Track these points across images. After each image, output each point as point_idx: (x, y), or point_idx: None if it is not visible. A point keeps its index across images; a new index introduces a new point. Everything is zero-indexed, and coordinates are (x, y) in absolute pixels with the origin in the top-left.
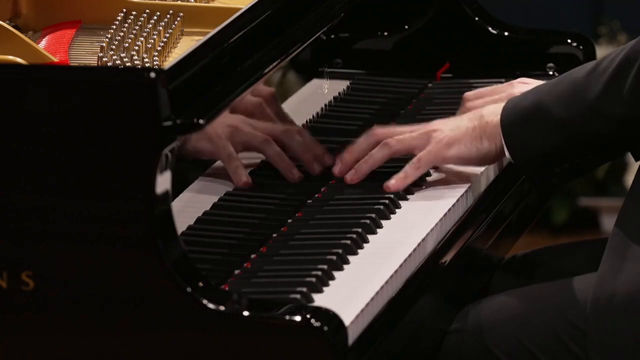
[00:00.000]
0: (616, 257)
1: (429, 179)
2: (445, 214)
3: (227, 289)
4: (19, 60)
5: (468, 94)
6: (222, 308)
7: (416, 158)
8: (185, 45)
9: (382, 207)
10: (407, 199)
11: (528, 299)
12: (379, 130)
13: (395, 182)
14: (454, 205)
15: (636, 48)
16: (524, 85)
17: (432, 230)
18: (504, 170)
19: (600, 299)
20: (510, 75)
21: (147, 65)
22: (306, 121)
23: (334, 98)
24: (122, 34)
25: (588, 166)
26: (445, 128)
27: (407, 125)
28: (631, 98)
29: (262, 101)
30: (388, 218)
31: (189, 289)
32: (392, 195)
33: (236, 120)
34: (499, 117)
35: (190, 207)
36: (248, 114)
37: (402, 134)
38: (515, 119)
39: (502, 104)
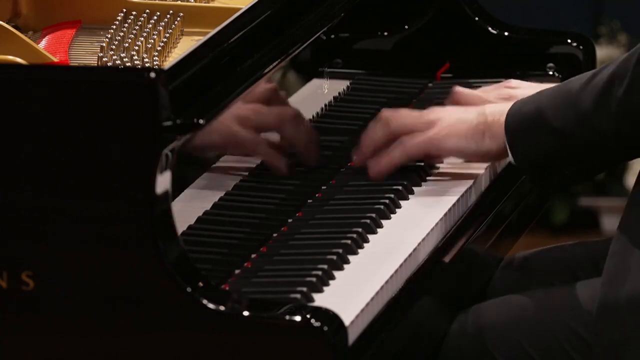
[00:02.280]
0: (620, 264)
1: (429, 179)
2: (446, 214)
3: (227, 289)
4: (19, 60)
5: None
6: (222, 308)
7: (407, 144)
8: (185, 45)
9: (382, 206)
10: (407, 199)
11: (529, 304)
12: (392, 122)
13: (379, 168)
14: (454, 205)
15: (624, 64)
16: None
17: (432, 230)
18: (504, 170)
19: (606, 304)
20: (510, 75)
21: (147, 65)
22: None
23: (334, 98)
24: (122, 34)
25: (588, 173)
26: (450, 119)
27: (416, 111)
28: (619, 114)
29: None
30: (388, 218)
31: (189, 289)
32: (392, 195)
33: (231, 120)
34: (504, 117)
35: (190, 207)
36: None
37: (412, 123)
38: (518, 123)
39: (508, 104)
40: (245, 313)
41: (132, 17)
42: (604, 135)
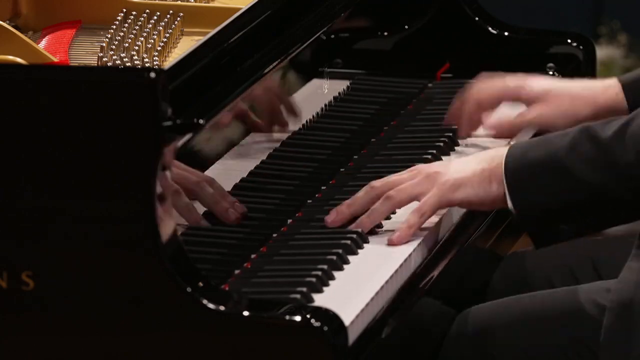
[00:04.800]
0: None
1: None
2: (446, 214)
3: (227, 289)
4: (19, 60)
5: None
6: (222, 308)
7: (419, 205)
8: (185, 45)
9: None
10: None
11: (530, 306)
12: (377, 183)
13: (399, 235)
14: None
15: None
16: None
17: (432, 230)
18: None
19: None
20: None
21: (147, 65)
22: (306, 121)
23: (334, 98)
24: (122, 34)
25: (596, 228)
26: (449, 170)
27: (405, 171)
28: None
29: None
30: (388, 218)
31: (189, 289)
32: None
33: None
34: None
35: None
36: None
37: (401, 182)
38: (523, 169)
39: (505, 148)
40: (245, 313)
41: (132, 17)
42: None
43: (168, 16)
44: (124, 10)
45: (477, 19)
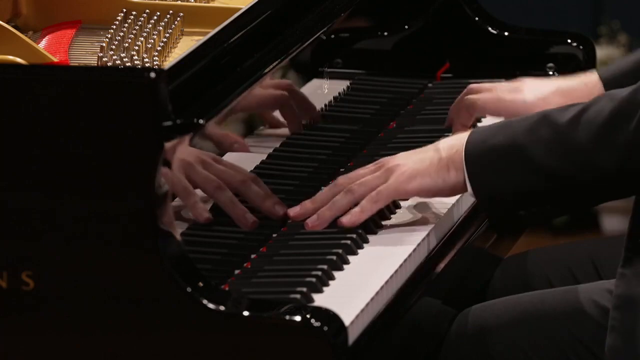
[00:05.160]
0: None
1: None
2: (445, 214)
3: (227, 289)
4: (19, 60)
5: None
6: (222, 308)
7: (375, 192)
8: (185, 45)
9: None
10: (407, 199)
11: (530, 307)
12: (343, 179)
13: (350, 217)
14: (454, 205)
15: (631, 101)
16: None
17: (432, 230)
18: None
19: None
20: (510, 75)
21: (147, 65)
22: (306, 121)
23: (334, 98)
24: (122, 34)
25: (555, 214)
26: (408, 162)
27: (370, 165)
28: (628, 151)
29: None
30: (388, 218)
31: (189, 289)
32: None
33: (191, 156)
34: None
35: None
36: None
37: (364, 176)
38: (483, 155)
39: (465, 133)
40: (245, 313)
41: (132, 17)
42: (605, 173)
43: (168, 16)
44: (124, 10)
45: (477, 19)
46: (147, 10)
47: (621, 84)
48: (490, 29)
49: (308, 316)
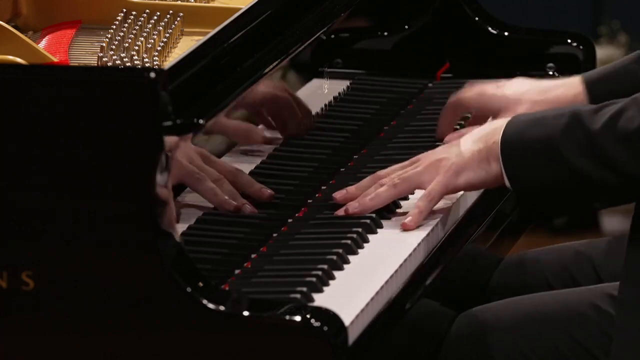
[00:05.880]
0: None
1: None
2: (446, 214)
3: (227, 289)
4: (19, 60)
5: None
6: (222, 308)
7: (427, 191)
8: (185, 45)
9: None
10: (407, 199)
11: (530, 309)
12: (383, 172)
13: (412, 219)
14: (454, 205)
15: None
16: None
17: (432, 230)
18: None
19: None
20: (510, 75)
21: (147, 65)
22: None
23: (334, 98)
24: (122, 34)
25: (581, 209)
26: (450, 155)
27: (408, 161)
28: None
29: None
30: (388, 218)
31: (189, 289)
32: None
33: (182, 155)
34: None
35: (190, 207)
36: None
37: (405, 172)
38: (519, 148)
39: (501, 121)
40: (245, 313)
41: (132, 17)
42: (634, 179)
43: (168, 16)
44: (124, 10)
45: (477, 19)
46: (147, 10)
47: (605, 85)
48: (490, 29)
49: (308, 316)
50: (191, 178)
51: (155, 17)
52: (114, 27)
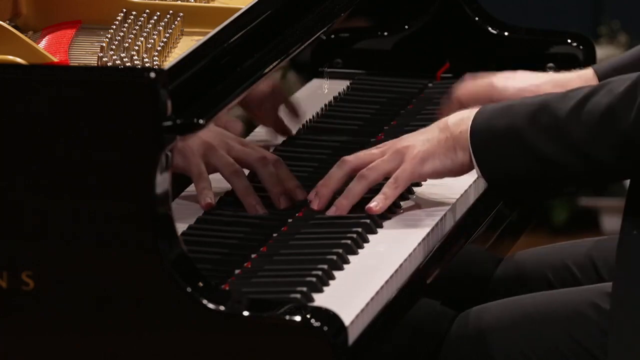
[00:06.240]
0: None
1: (424, 183)
2: (446, 214)
3: (227, 289)
4: (19, 60)
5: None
6: (222, 308)
7: (393, 177)
8: (185, 45)
9: None
10: (407, 199)
11: (530, 309)
12: (350, 158)
13: (376, 204)
14: (454, 205)
15: (626, 98)
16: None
17: (432, 230)
18: None
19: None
20: None
21: (147, 65)
22: (306, 121)
23: (334, 98)
24: (122, 34)
25: (549, 195)
26: (416, 143)
27: (375, 147)
28: (624, 145)
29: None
30: (388, 218)
31: (189, 289)
32: None
33: (215, 138)
34: (469, 126)
35: (190, 207)
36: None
37: (372, 158)
38: (487, 137)
39: (468, 111)
40: (245, 313)
41: (132, 17)
42: (600, 165)
43: (168, 16)
44: (124, 10)
45: (477, 19)
46: (147, 10)
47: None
48: (490, 29)
49: (308, 316)
50: (228, 169)
51: (155, 17)
52: (114, 27)
